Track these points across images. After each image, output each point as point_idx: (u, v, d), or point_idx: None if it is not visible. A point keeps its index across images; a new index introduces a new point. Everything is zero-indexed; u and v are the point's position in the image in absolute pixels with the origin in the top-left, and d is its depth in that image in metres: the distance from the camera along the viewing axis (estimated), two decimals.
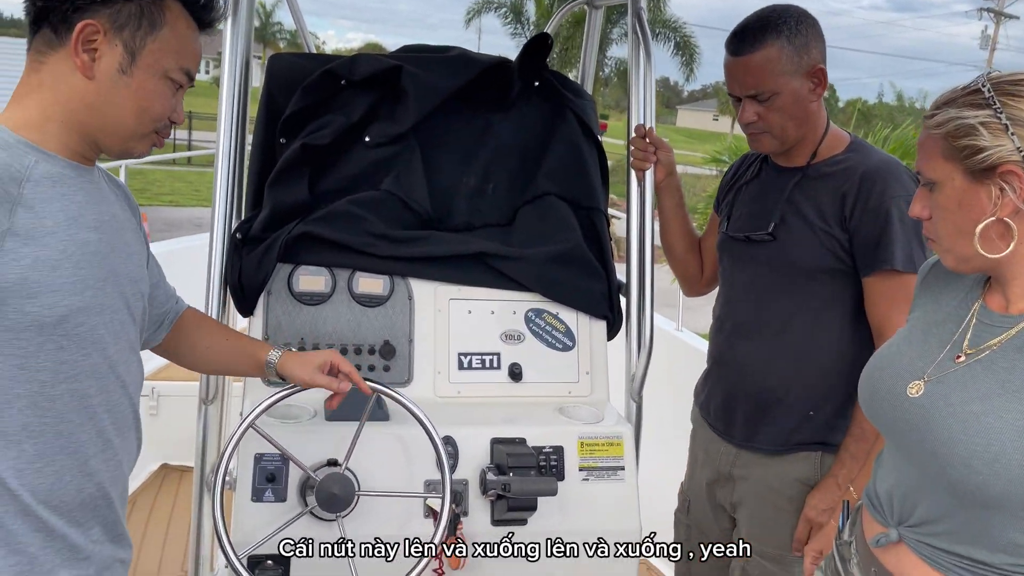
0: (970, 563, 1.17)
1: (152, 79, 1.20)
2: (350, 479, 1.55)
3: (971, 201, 1.14)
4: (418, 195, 1.96)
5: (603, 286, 1.99)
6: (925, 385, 1.20)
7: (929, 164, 1.18)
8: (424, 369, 1.88)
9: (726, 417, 1.98)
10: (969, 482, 1.11)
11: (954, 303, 1.28)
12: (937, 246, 1.23)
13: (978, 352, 1.18)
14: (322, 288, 1.85)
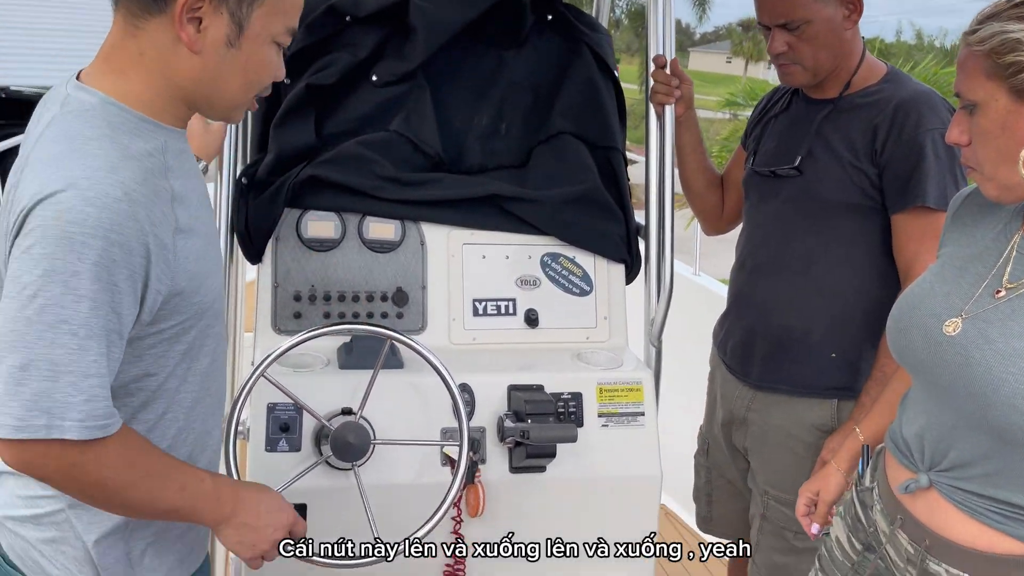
0: (1007, 507, 1.13)
1: (261, 48, 1.11)
2: (365, 428, 1.52)
3: (1016, 123, 1.07)
4: (428, 136, 1.88)
5: (621, 228, 1.93)
6: (962, 322, 1.14)
7: (970, 84, 1.11)
8: (438, 316, 1.83)
9: (743, 357, 1.94)
10: (1012, 422, 1.06)
11: (991, 235, 1.21)
12: (977, 174, 1.16)
13: (1020, 286, 1.13)
14: (331, 234, 1.79)
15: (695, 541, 3.02)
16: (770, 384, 1.88)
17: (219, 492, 1.16)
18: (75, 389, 0.98)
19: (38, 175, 1.00)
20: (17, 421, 0.97)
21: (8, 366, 0.97)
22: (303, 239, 1.79)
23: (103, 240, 0.98)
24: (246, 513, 1.18)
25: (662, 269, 1.91)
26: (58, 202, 0.97)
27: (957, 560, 1.16)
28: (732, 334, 1.99)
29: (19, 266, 0.97)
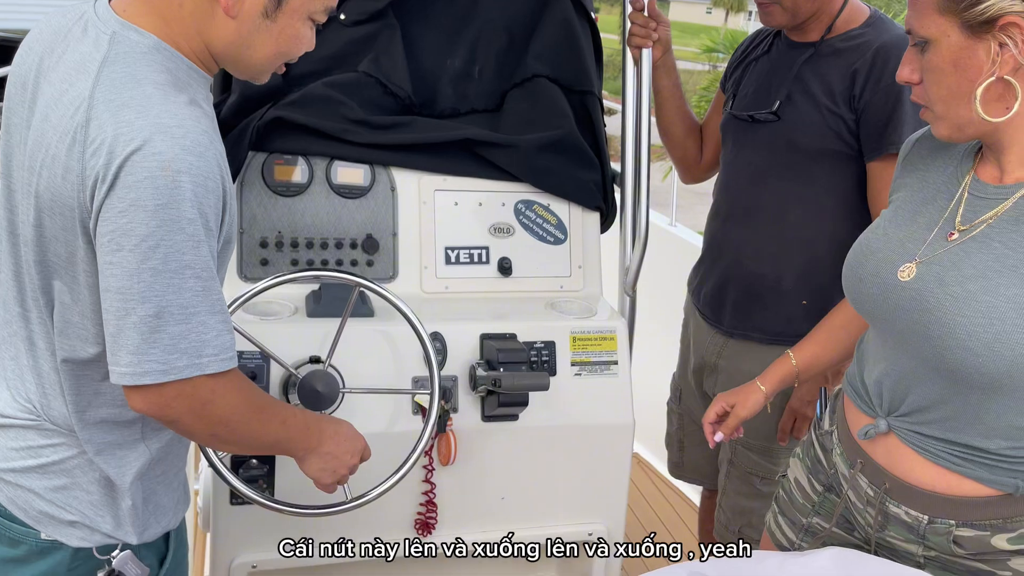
0: (963, 449, 1.13)
1: (296, 23, 1.12)
2: (334, 376, 1.49)
3: (968, 59, 1.04)
4: (398, 78, 1.82)
5: (596, 175, 1.89)
6: (917, 267, 1.13)
7: (921, 20, 1.07)
8: (409, 264, 1.80)
9: (716, 304, 1.93)
10: (968, 365, 1.06)
11: (943, 178, 1.19)
12: (929, 113, 1.13)
13: (972, 228, 1.11)
14: (299, 178, 1.74)
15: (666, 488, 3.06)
16: (741, 331, 1.88)
17: (308, 425, 1.25)
18: (206, 327, 1.03)
19: (117, 118, 1.00)
20: (162, 366, 1.01)
21: (141, 316, 1.00)
22: (269, 184, 1.73)
23: (203, 188, 1.02)
24: (330, 443, 1.27)
25: (637, 218, 1.88)
26: (158, 152, 0.98)
27: (916, 502, 1.18)
28: (706, 281, 1.98)
29: (131, 219, 0.98)
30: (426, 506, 1.69)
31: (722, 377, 1.92)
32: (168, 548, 1.25)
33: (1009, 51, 1.02)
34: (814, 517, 1.36)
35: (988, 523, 1.13)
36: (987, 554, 1.15)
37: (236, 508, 1.59)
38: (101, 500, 1.15)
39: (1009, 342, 1.03)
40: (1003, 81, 1.04)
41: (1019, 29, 1.01)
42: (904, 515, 1.19)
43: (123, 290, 0.99)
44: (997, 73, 1.03)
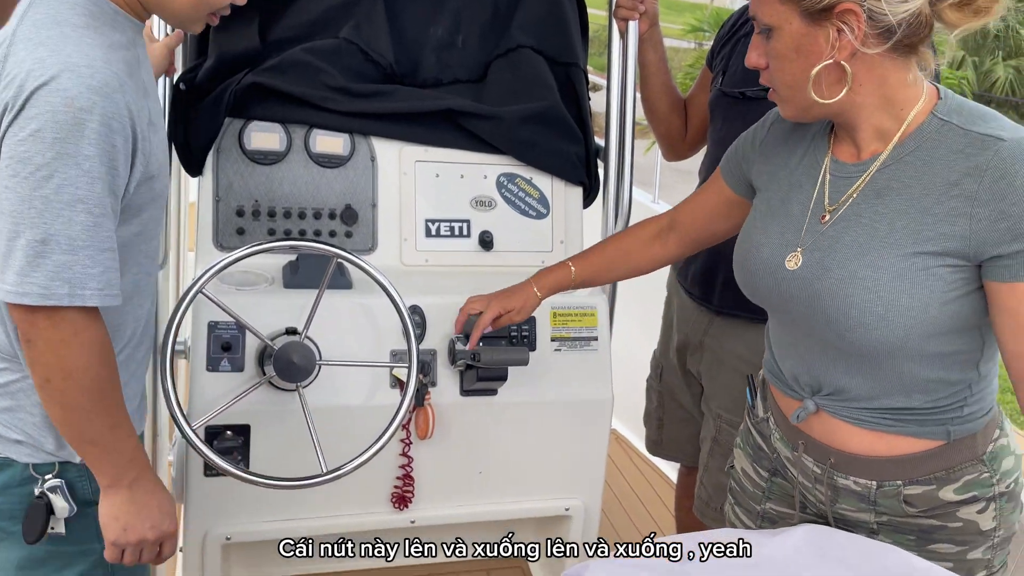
0: (891, 412, 1.17)
1: None
2: (310, 348, 1.47)
3: (808, 45, 1.09)
4: (380, 45, 1.78)
5: (580, 149, 1.87)
6: (802, 255, 1.17)
7: (764, 8, 1.12)
8: (389, 236, 1.77)
9: (705, 283, 1.92)
10: (868, 339, 1.10)
11: (804, 163, 1.23)
12: (776, 96, 1.18)
13: (839, 207, 1.15)
14: (276, 146, 1.70)
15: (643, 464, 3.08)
16: (730, 310, 1.87)
17: (134, 458, 1.19)
18: (93, 262, 1.07)
19: (32, 55, 1.05)
20: (42, 289, 1.05)
21: (28, 240, 1.04)
22: (246, 151, 1.69)
23: (107, 127, 1.05)
24: (140, 492, 1.19)
25: (620, 193, 1.86)
26: (64, 88, 1.03)
27: (863, 470, 1.20)
28: (694, 260, 1.96)
29: (29, 148, 1.03)
30: (403, 480, 1.68)
31: (707, 355, 1.92)
32: None
33: (846, 37, 1.06)
34: (767, 503, 1.38)
35: (933, 476, 1.17)
36: (936, 508, 1.18)
37: (210, 480, 1.58)
38: (43, 422, 1.18)
39: (898, 308, 1.08)
40: (839, 66, 1.08)
41: (855, 16, 1.05)
42: (853, 485, 1.22)
43: (15, 213, 1.04)
44: (836, 58, 1.07)
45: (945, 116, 1.09)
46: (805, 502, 1.32)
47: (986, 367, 1.16)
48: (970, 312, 1.09)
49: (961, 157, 1.05)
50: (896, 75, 1.09)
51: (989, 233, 1.03)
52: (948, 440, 1.16)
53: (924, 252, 1.07)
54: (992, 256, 1.04)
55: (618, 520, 2.71)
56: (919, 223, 1.07)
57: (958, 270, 1.07)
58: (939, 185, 1.06)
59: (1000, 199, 1.02)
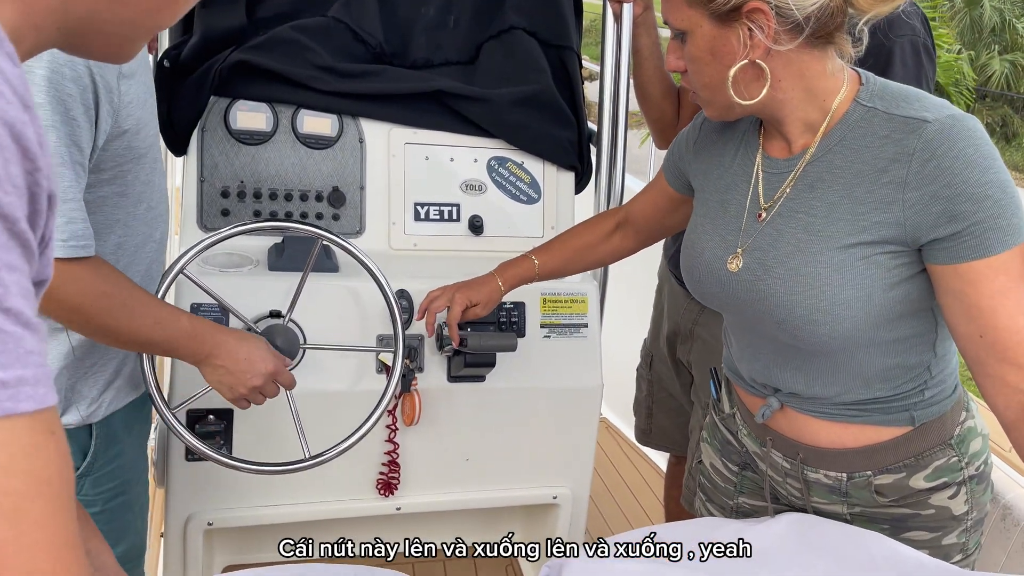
0: (855, 405, 1.16)
1: None
2: (294, 331, 1.45)
3: (722, 47, 1.07)
4: (370, 25, 1.75)
5: (572, 134, 1.84)
6: (742, 256, 1.16)
7: (675, 14, 1.10)
8: (377, 219, 1.74)
9: None
10: (818, 335, 1.09)
11: (736, 161, 1.22)
12: (698, 98, 1.16)
13: (774, 204, 1.14)
14: (263, 126, 1.67)
15: (633, 453, 3.07)
16: None
17: (195, 331, 1.23)
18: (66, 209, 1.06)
19: None
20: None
21: None
22: (231, 131, 1.66)
23: (58, 75, 1.03)
24: (224, 356, 1.25)
25: (613, 178, 1.84)
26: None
27: (832, 463, 1.19)
28: None
29: None
30: (388, 466, 1.66)
31: (697, 344, 1.90)
32: (91, 441, 1.26)
33: (757, 36, 1.04)
34: (739, 497, 1.37)
35: (902, 464, 1.16)
36: (908, 496, 1.17)
37: (192, 464, 1.55)
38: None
39: (842, 302, 1.06)
40: (756, 65, 1.06)
41: (763, 14, 1.03)
42: (824, 478, 1.21)
43: None
44: (750, 57, 1.06)
45: (868, 102, 1.07)
46: (777, 495, 1.31)
47: (942, 347, 1.14)
48: (918, 295, 1.08)
49: (888, 143, 1.04)
50: (814, 67, 1.07)
51: (923, 217, 1.01)
52: (914, 425, 1.15)
53: (861, 242, 1.05)
54: (930, 240, 1.02)
55: (607, 509, 2.70)
56: (853, 213, 1.06)
57: (898, 256, 1.05)
58: (868, 173, 1.05)
59: (930, 182, 1.00)
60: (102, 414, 1.27)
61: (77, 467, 1.26)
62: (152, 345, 1.21)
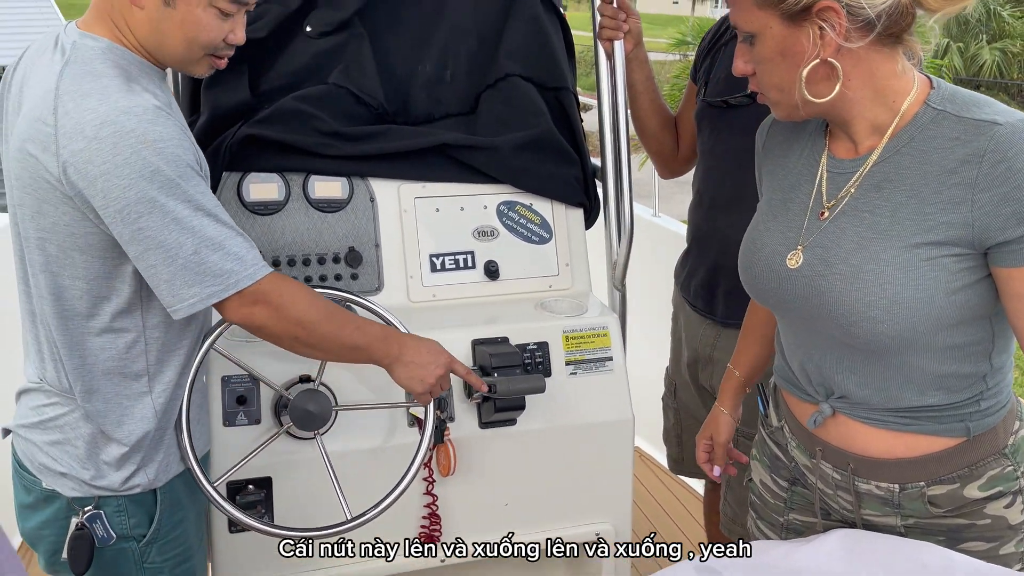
0: (907, 412, 1.16)
1: (195, 10, 1.23)
2: (325, 394, 1.47)
3: (792, 47, 1.09)
4: (370, 87, 1.79)
5: (577, 171, 1.87)
6: (803, 253, 1.17)
7: (744, 16, 1.12)
8: (394, 274, 1.77)
9: (707, 295, 1.91)
10: (876, 332, 1.09)
11: (801, 161, 1.23)
12: (766, 99, 1.18)
13: (838, 203, 1.15)
14: (275, 196, 1.71)
15: (670, 481, 3.05)
16: (735, 320, 1.85)
17: (386, 334, 1.38)
18: (237, 245, 1.22)
19: (81, 106, 1.15)
20: (220, 286, 1.20)
21: (186, 257, 1.18)
22: (245, 203, 1.70)
23: (177, 145, 1.18)
24: (412, 353, 1.38)
25: (621, 211, 1.86)
26: (130, 129, 1.14)
27: (884, 474, 1.19)
28: (695, 273, 1.95)
29: (139, 190, 1.14)
30: (429, 519, 1.66)
31: (718, 369, 1.90)
32: (157, 506, 1.33)
33: (828, 34, 1.06)
34: (789, 513, 1.36)
35: (956, 475, 1.15)
36: (963, 507, 1.16)
37: (236, 536, 1.56)
38: (86, 454, 1.28)
39: (903, 301, 1.07)
40: (827, 63, 1.08)
41: (835, 12, 1.04)
42: (875, 489, 1.20)
43: (162, 244, 1.16)
44: (821, 55, 1.07)
45: (939, 105, 1.09)
46: (828, 509, 1.30)
47: (999, 359, 1.14)
48: (978, 302, 1.08)
49: (958, 144, 1.05)
50: (884, 66, 1.09)
51: (992, 219, 1.02)
52: (968, 436, 1.14)
53: (927, 243, 1.06)
54: (998, 242, 1.03)
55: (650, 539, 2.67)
56: (920, 213, 1.07)
57: (963, 259, 1.06)
58: (937, 174, 1.06)
59: (1001, 183, 1.01)
60: (165, 478, 1.32)
61: (143, 534, 1.32)
62: (357, 350, 1.35)
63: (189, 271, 1.18)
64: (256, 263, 1.24)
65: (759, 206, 1.31)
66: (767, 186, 1.30)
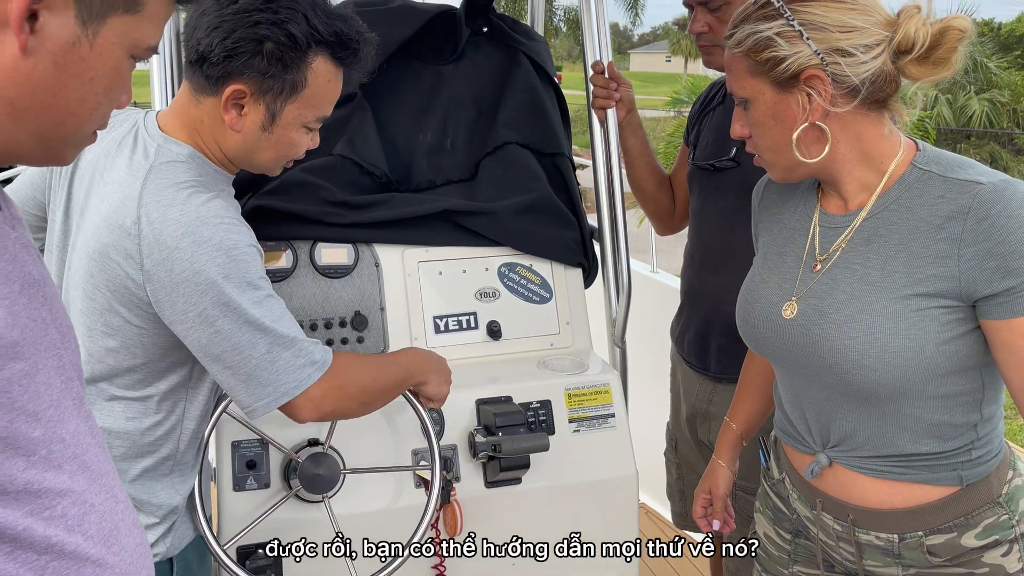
0: (901, 459, 1.18)
1: (290, 133, 1.32)
2: (334, 458, 1.49)
3: (783, 112, 1.16)
4: (373, 157, 1.87)
5: (575, 233, 1.93)
6: (797, 303, 1.21)
7: (738, 83, 1.19)
8: (399, 336, 1.81)
9: (700, 351, 1.94)
10: (869, 381, 1.13)
11: (795, 217, 1.29)
12: (762, 160, 1.24)
13: (830, 256, 1.20)
14: (283, 264, 1.77)
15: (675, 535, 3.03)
16: (729, 375, 1.89)
17: (412, 357, 1.50)
18: (305, 342, 1.29)
19: (164, 216, 1.22)
20: (296, 383, 1.27)
21: (259, 357, 1.24)
22: None
23: (248, 254, 1.26)
24: (430, 362, 1.51)
25: (619, 270, 1.92)
26: (209, 238, 1.21)
27: (883, 524, 1.21)
28: (687, 329, 2.00)
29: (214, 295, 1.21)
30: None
31: (715, 424, 1.92)
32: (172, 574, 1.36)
33: (816, 100, 1.12)
34: (794, 566, 1.37)
35: (953, 524, 1.17)
36: (961, 556, 1.18)
37: None
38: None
39: (895, 350, 1.11)
40: (817, 126, 1.14)
41: (820, 80, 1.11)
42: (876, 540, 1.22)
43: (237, 347, 1.23)
44: (810, 119, 1.14)
45: (925, 166, 1.14)
46: (831, 561, 1.32)
47: (989, 409, 1.18)
48: (968, 352, 1.12)
49: (943, 202, 1.10)
50: (871, 130, 1.15)
51: (978, 272, 1.07)
52: (961, 485, 1.17)
53: (917, 294, 1.10)
54: (985, 295, 1.07)
55: None
56: (910, 266, 1.11)
57: (952, 311, 1.10)
58: (925, 229, 1.11)
59: (985, 239, 1.06)
60: (180, 545, 1.35)
61: None
62: (403, 383, 1.45)
63: (263, 370, 1.24)
64: (325, 355, 1.31)
65: (755, 260, 1.36)
66: (763, 241, 1.35)
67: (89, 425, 0.73)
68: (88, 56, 0.71)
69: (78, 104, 0.72)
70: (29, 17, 0.66)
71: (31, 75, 0.68)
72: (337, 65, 1.31)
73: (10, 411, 0.63)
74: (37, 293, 0.70)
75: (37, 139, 0.72)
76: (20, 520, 0.64)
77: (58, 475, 0.67)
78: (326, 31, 1.26)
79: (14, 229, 0.71)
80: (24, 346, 0.65)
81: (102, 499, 0.71)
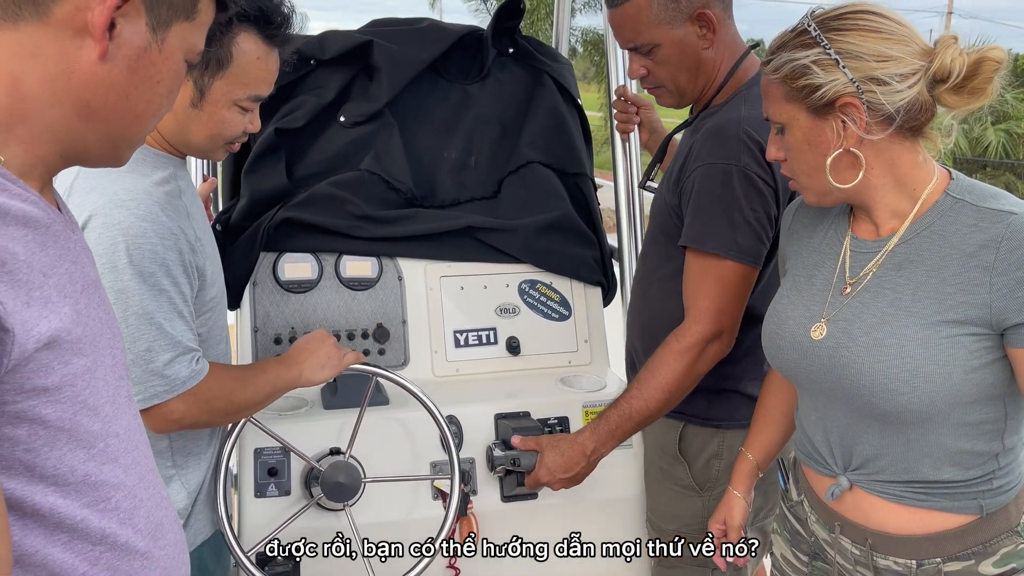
0: (922, 486, 1.18)
1: (221, 110, 1.31)
2: (355, 467, 1.51)
3: (818, 137, 1.17)
4: (399, 173, 1.90)
5: (595, 252, 1.96)
6: (826, 326, 1.22)
7: (774, 109, 1.21)
8: (420, 350, 1.84)
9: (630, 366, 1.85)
10: (895, 404, 1.13)
11: (826, 241, 1.30)
12: (796, 184, 1.25)
13: (860, 280, 1.21)
14: (309, 275, 1.80)
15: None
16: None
17: (279, 362, 1.44)
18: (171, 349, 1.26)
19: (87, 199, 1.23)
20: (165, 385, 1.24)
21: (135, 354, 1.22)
22: (280, 282, 1.79)
23: (160, 245, 1.23)
24: (303, 354, 1.45)
25: None
26: (117, 221, 1.20)
27: (901, 549, 1.21)
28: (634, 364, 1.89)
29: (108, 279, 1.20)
30: None
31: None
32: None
33: (850, 127, 1.14)
34: None
35: (971, 551, 1.17)
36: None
37: None
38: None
39: (924, 374, 1.11)
40: (851, 152, 1.16)
41: (855, 108, 1.13)
42: (894, 565, 1.22)
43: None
44: (844, 146, 1.16)
45: (958, 195, 1.15)
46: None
47: (1011, 439, 1.18)
48: (993, 381, 1.13)
49: (976, 231, 1.11)
50: (906, 157, 1.16)
51: (1009, 301, 1.08)
52: (981, 514, 1.17)
53: (947, 321, 1.11)
54: (1015, 323, 1.08)
55: None
56: (941, 292, 1.12)
57: (981, 339, 1.11)
58: (957, 257, 1.12)
59: (1017, 268, 1.07)
60: (194, 543, 1.35)
61: None
62: (273, 392, 1.41)
63: (137, 367, 1.22)
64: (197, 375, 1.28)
65: (783, 282, 1.37)
66: (792, 263, 1.35)
67: (138, 422, 0.76)
68: (157, 60, 0.78)
69: (145, 105, 0.79)
70: (109, 26, 0.72)
71: (107, 79, 0.74)
72: (267, 43, 1.31)
73: (74, 404, 0.66)
74: (95, 294, 0.73)
75: (106, 139, 0.78)
76: (78, 511, 0.66)
77: (114, 469, 0.70)
78: (249, 6, 1.26)
79: (74, 232, 0.74)
80: (86, 343, 0.68)
81: (149, 494, 0.74)
